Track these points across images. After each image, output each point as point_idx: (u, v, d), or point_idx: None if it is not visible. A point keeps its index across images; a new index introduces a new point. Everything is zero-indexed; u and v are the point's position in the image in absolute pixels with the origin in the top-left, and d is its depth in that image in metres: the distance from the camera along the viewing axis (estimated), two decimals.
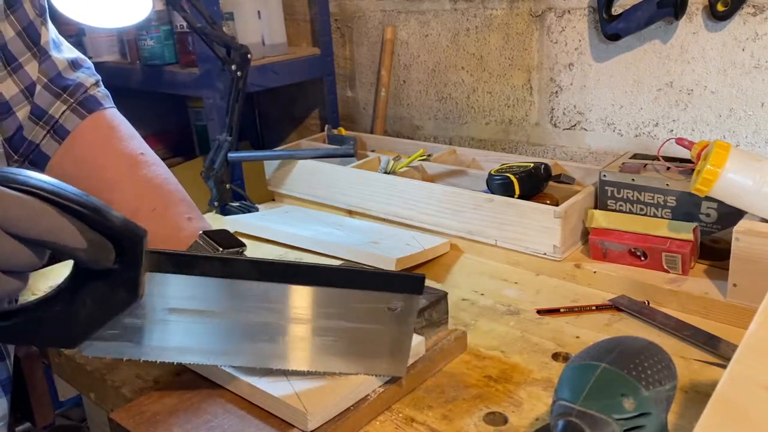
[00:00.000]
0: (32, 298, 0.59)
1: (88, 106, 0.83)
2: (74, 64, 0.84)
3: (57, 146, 0.81)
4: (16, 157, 0.81)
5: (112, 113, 0.86)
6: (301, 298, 0.65)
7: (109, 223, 0.56)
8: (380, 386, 0.70)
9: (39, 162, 0.82)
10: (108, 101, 0.86)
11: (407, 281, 0.67)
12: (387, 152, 1.34)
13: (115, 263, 0.57)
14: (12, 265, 0.53)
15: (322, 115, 1.78)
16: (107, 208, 0.56)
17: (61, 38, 0.86)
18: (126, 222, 0.57)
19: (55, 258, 0.57)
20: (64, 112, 0.81)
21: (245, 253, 0.81)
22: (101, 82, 0.87)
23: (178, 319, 0.64)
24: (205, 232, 0.79)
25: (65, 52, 0.84)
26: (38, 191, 0.53)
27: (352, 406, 0.67)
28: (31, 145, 0.81)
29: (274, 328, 0.66)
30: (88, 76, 0.85)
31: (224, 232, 0.81)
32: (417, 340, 0.75)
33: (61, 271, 0.99)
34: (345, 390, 0.67)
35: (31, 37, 0.79)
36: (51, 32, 0.82)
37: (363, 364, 0.69)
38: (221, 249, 0.77)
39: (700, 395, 0.70)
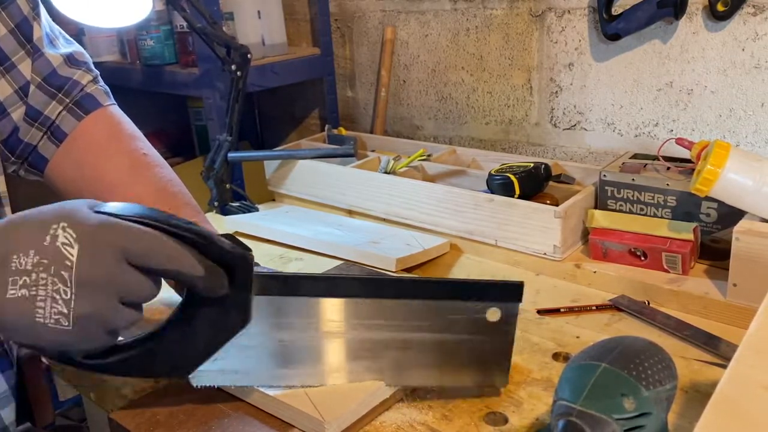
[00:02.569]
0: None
1: (85, 105, 0.80)
2: (70, 60, 0.81)
3: (55, 148, 0.79)
4: (12, 158, 0.80)
5: (112, 111, 0.83)
6: (395, 311, 0.65)
7: (220, 249, 0.57)
8: (394, 391, 0.69)
9: (37, 164, 0.80)
10: (107, 98, 0.83)
11: (504, 289, 0.67)
12: (387, 152, 1.34)
13: (228, 288, 0.58)
14: (134, 296, 0.55)
15: (322, 115, 1.78)
16: (216, 235, 0.57)
17: (56, 30, 0.82)
18: (235, 247, 0.58)
19: None
20: (60, 112, 0.79)
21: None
22: (100, 77, 0.84)
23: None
24: None
25: (60, 46, 0.81)
26: (156, 223, 0.54)
27: (368, 412, 0.67)
28: (27, 146, 0.79)
29: (376, 344, 0.66)
30: (84, 72, 0.82)
31: (229, 236, 0.81)
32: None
33: None
34: (360, 396, 0.66)
35: (24, 34, 0.76)
36: (44, 27, 0.79)
37: (463, 376, 0.69)
38: None
39: (700, 395, 0.70)
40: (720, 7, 1.10)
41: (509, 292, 0.66)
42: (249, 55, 1.25)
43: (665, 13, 1.14)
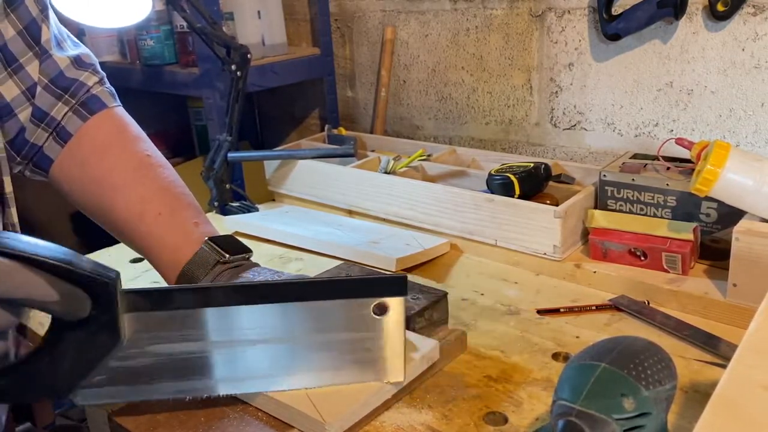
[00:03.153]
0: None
1: (90, 106, 0.81)
2: (77, 62, 0.81)
3: (60, 149, 0.80)
4: (18, 159, 0.80)
5: (117, 113, 0.84)
6: (276, 316, 0.65)
7: (78, 271, 0.55)
8: (395, 392, 0.69)
9: (42, 165, 0.80)
10: (112, 99, 0.84)
11: (387, 283, 0.66)
12: (387, 152, 1.34)
13: (92, 310, 0.57)
14: None
15: (322, 115, 1.78)
16: (75, 256, 0.56)
17: (64, 32, 0.83)
18: (95, 267, 0.56)
19: None
20: (66, 113, 0.79)
21: (251, 258, 0.80)
22: (106, 79, 0.85)
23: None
24: (210, 239, 0.77)
25: (68, 48, 0.82)
26: (6, 250, 0.52)
27: (369, 413, 0.67)
28: (33, 147, 0.79)
29: (263, 352, 0.66)
30: (91, 74, 0.82)
31: (230, 237, 0.80)
32: (431, 344, 0.74)
33: None
34: (362, 397, 0.66)
35: (33, 36, 0.77)
36: (52, 29, 0.79)
37: (357, 374, 0.68)
38: (227, 255, 0.76)
39: (700, 395, 0.70)
40: (720, 7, 1.10)
41: (392, 286, 0.66)
42: (249, 55, 1.25)
43: (665, 13, 1.14)
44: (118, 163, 0.80)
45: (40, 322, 0.91)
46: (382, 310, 0.65)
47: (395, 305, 0.65)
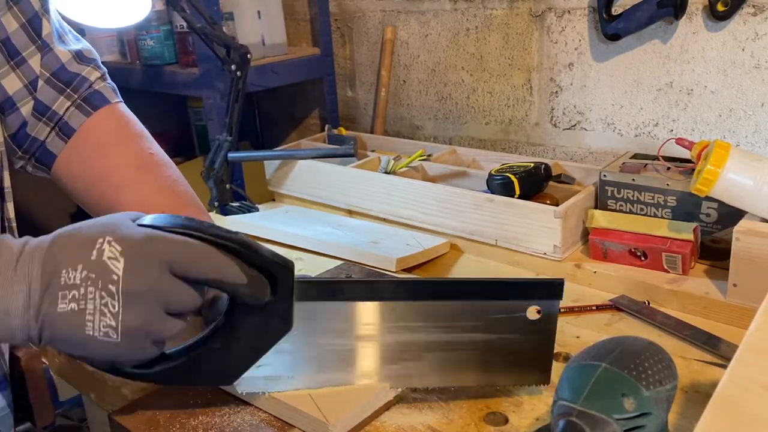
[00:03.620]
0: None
1: (93, 102, 0.80)
2: (79, 56, 0.81)
3: (63, 144, 0.79)
4: (20, 153, 0.79)
5: (119, 109, 0.83)
6: (434, 313, 0.66)
7: (262, 257, 0.58)
8: (398, 393, 0.69)
9: (45, 160, 0.80)
10: (115, 96, 0.83)
11: (544, 287, 0.67)
12: (387, 152, 1.34)
13: (271, 296, 0.59)
14: (180, 306, 0.56)
15: (322, 115, 1.78)
16: (257, 243, 0.58)
17: (66, 27, 0.82)
18: (276, 255, 0.59)
19: None
20: (68, 108, 0.79)
21: None
22: (107, 75, 0.84)
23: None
24: None
25: (70, 43, 0.81)
26: (199, 233, 0.56)
27: (371, 414, 0.67)
28: (35, 141, 0.78)
29: (412, 346, 0.67)
30: (93, 69, 0.82)
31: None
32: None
33: None
34: (365, 398, 0.66)
35: (35, 30, 0.76)
36: (54, 23, 0.79)
37: (504, 376, 0.69)
38: None
39: (700, 395, 0.70)
40: (720, 7, 1.10)
41: (549, 290, 0.67)
42: (249, 55, 1.25)
43: (665, 13, 1.14)
44: (120, 161, 0.80)
45: None
46: (538, 313, 0.66)
47: (550, 308, 0.67)
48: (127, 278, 0.53)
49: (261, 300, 0.59)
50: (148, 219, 0.57)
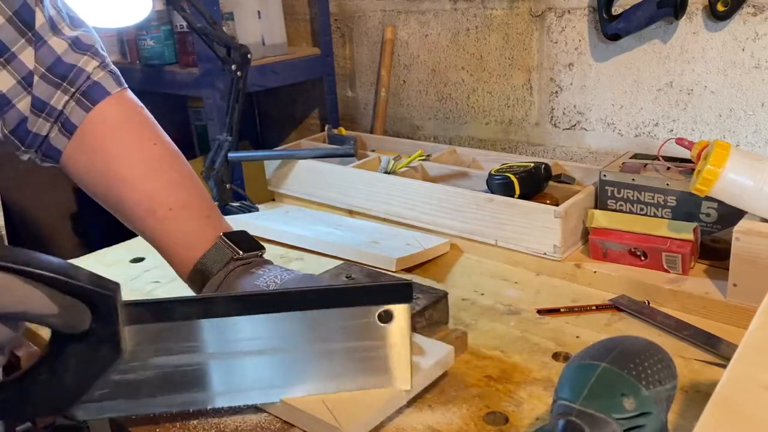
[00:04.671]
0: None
1: (92, 96, 0.78)
2: (76, 44, 0.77)
3: (67, 141, 0.78)
4: (23, 148, 0.78)
5: (121, 98, 0.80)
6: (278, 326, 0.64)
7: (77, 283, 0.54)
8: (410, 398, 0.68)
9: (52, 155, 0.79)
10: (115, 84, 0.80)
11: (392, 290, 0.65)
12: (387, 152, 1.34)
13: (92, 323, 0.56)
14: None
15: (322, 115, 1.78)
16: (74, 268, 0.55)
17: (63, 11, 0.78)
18: (95, 279, 0.56)
19: None
20: (67, 102, 0.77)
21: (263, 255, 0.80)
22: (108, 61, 0.81)
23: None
24: (224, 234, 0.77)
25: (65, 29, 0.77)
26: (4, 263, 0.52)
27: (384, 421, 0.66)
28: (37, 137, 0.77)
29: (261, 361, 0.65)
30: (90, 57, 0.78)
31: (243, 233, 0.79)
32: (445, 350, 0.73)
33: None
34: (378, 403, 0.66)
35: (25, 21, 0.73)
36: (47, 10, 0.75)
37: (362, 382, 0.67)
38: (241, 252, 0.76)
39: (700, 395, 0.70)
40: (720, 7, 1.10)
41: (396, 293, 0.65)
42: (249, 55, 1.25)
43: (665, 13, 1.14)
44: (124, 154, 0.78)
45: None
46: (387, 317, 0.65)
47: (400, 312, 0.65)
48: None
49: (79, 328, 0.55)
50: None
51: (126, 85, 0.82)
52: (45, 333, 0.59)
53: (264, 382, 0.66)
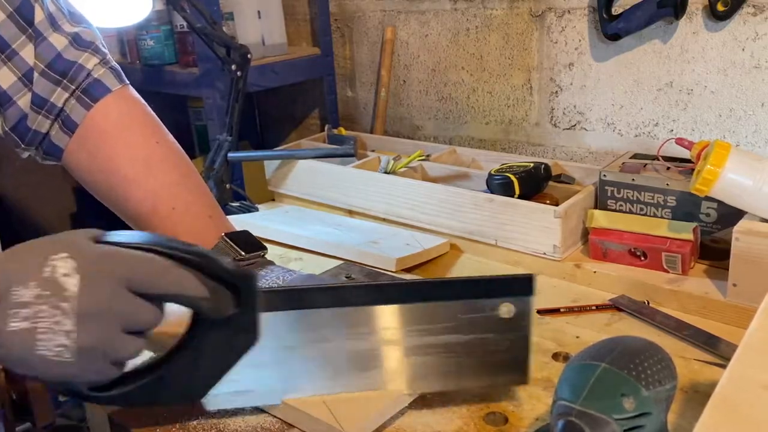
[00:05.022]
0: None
1: (93, 93, 0.77)
2: (76, 41, 0.77)
3: (68, 139, 0.77)
4: (23, 145, 0.78)
5: (122, 96, 0.80)
6: (398, 317, 0.64)
7: (223, 269, 0.56)
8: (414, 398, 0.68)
9: (53, 153, 0.78)
10: (116, 81, 0.79)
11: (514, 283, 0.65)
12: (387, 152, 1.34)
13: (235, 308, 0.57)
14: (138, 324, 0.54)
15: (322, 115, 1.78)
16: (218, 255, 0.57)
17: (64, 7, 0.78)
18: (237, 266, 0.58)
19: None
20: (68, 100, 0.76)
21: (265, 256, 0.80)
22: (109, 58, 0.80)
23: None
24: (226, 234, 0.77)
25: (65, 25, 0.77)
26: (157, 248, 0.54)
27: (386, 422, 0.66)
28: (37, 134, 0.77)
29: (374, 352, 0.65)
30: (90, 54, 0.78)
31: (245, 233, 0.79)
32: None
33: None
34: (380, 405, 0.65)
35: (25, 18, 0.73)
36: (47, 6, 0.75)
37: (482, 377, 0.67)
38: (243, 253, 0.76)
39: (700, 395, 0.70)
40: (720, 7, 1.10)
41: (520, 286, 0.64)
42: (249, 55, 1.25)
43: (665, 13, 1.14)
44: (126, 153, 0.78)
45: None
46: (508, 310, 0.64)
47: (523, 305, 0.65)
48: (81, 296, 0.51)
49: (224, 313, 0.56)
50: (105, 236, 0.54)
51: (127, 81, 0.81)
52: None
53: (388, 374, 0.66)
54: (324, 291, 0.64)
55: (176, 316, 0.57)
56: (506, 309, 0.64)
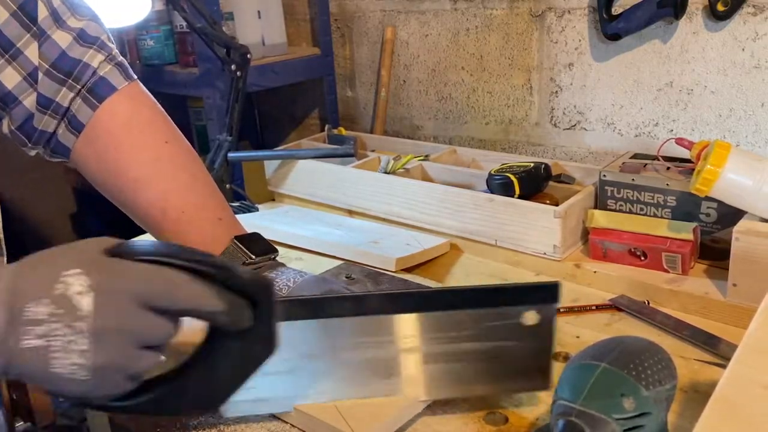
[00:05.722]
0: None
1: (99, 92, 0.76)
2: (81, 37, 0.75)
3: (75, 139, 0.76)
4: (30, 144, 0.77)
5: (130, 94, 0.78)
6: (419, 324, 0.64)
7: (240, 280, 0.55)
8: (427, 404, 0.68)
9: (60, 152, 0.78)
10: (123, 78, 0.78)
11: (539, 291, 0.64)
12: (387, 152, 1.34)
13: (252, 320, 0.56)
14: (154, 340, 0.53)
15: (322, 115, 1.78)
16: (234, 265, 0.56)
17: (68, 1, 0.75)
18: (254, 275, 0.56)
19: None
20: (73, 99, 0.75)
21: (277, 258, 0.79)
22: (115, 53, 0.78)
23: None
24: (236, 238, 0.76)
25: (71, 20, 0.75)
26: (172, 260, 0.53)
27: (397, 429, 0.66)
28: (43, 134, 0.76)
29: (393, 360, 0.65)
30: (96, 50, 0.76)
31: (256, 236, 0.79)
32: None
33: None
34: (392, 411, 0.65)
35: (29, 15, 0.71)
36: (51, 2, 0.73)
37: (503, 384, 0.67)
38: (254, 257, 0.75)
39: (700, 395, 0.70)
40: (720, 7, 1.10)
41: (544, 294, 0.64)
42: (249, 55, 1.25)
43: (665, 13, 1.14)
44: (134, 155, 0.77)
45: None
46: (532, 318, 0.64)
47: (546, 313, 0.64)
48: (95, 314, 0.50)
49: (241, 326, 0.56)
50: (117, 246, 0.53)
51: (135, 77, 0.80)
52: None
53: (412, 381, 0.66)
54: (344, 300, 0.64)
55: (194, 324, 0.56)
56: (530, 316, 0.64)
